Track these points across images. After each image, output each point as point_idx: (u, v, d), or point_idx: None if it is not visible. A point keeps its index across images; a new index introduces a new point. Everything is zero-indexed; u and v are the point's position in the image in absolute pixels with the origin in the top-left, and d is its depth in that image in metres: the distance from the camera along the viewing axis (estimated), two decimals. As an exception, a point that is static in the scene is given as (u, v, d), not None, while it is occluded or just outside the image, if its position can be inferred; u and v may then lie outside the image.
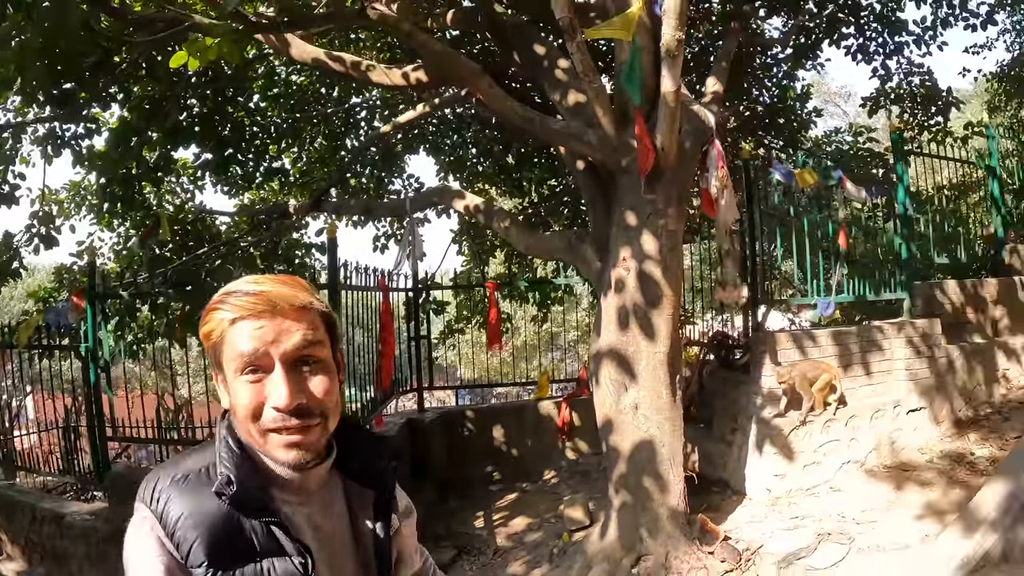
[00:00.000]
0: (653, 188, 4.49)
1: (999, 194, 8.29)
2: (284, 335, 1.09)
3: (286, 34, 5.37)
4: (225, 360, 1.11)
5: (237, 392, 1.10)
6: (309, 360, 1.12)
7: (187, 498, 1.08)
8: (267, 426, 1.09)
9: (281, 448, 1.10)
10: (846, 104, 32.17)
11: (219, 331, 1.11)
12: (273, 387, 1.08)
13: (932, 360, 6.44)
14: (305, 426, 1.10)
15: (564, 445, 7.22)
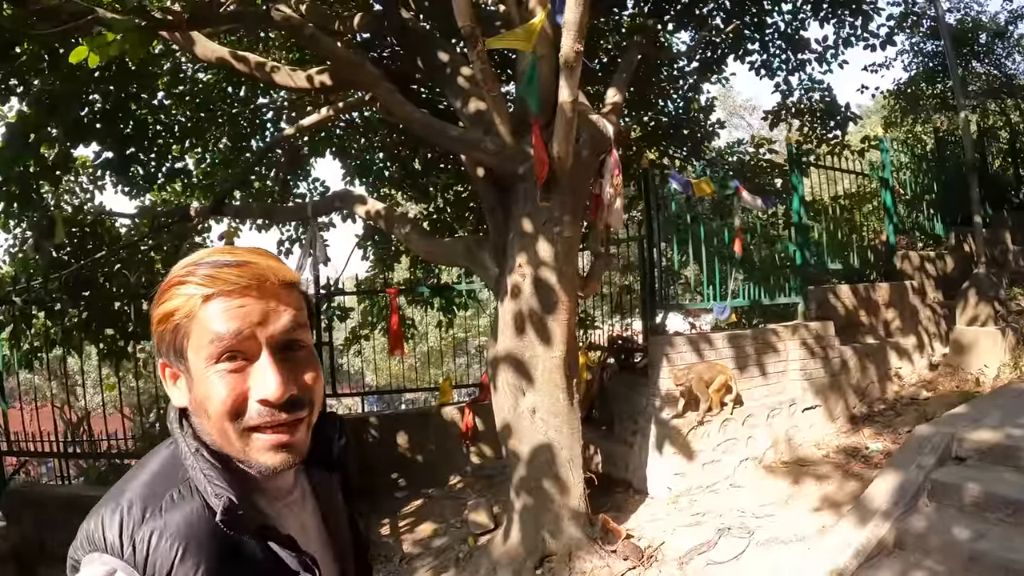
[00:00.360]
0: (549, 196, 4.53)
1: (892, 204, 8.71)
2: (272, 316, 0.94)
3: (191, 32, 5.20)
4: (193, 346, 0.93)
5: (210, 384, 0.92)
6: (295, 345, 0.97)
7: (179, 533, 0.88)
8: (251, 423, 0.93)
9: (266, 451, 0.94)
10: (750, 117, 33.31)
11: (185, 310, 0.93)
12: (259, 376, 0.92)
13: (826, 360, 6.72)
14: (295, 420, 0.94)
15: (468, 450, 7.23)
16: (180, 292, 0.93)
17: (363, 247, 8.74)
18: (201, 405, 0.94)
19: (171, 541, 0.87)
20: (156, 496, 0.91)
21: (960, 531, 4.09)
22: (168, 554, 0.86)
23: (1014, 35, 13.74)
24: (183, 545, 0.87)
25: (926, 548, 4.09)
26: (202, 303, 0.91)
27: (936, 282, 9.13)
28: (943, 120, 13.63)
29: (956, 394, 6.93)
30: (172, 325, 0.94)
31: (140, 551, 0.86)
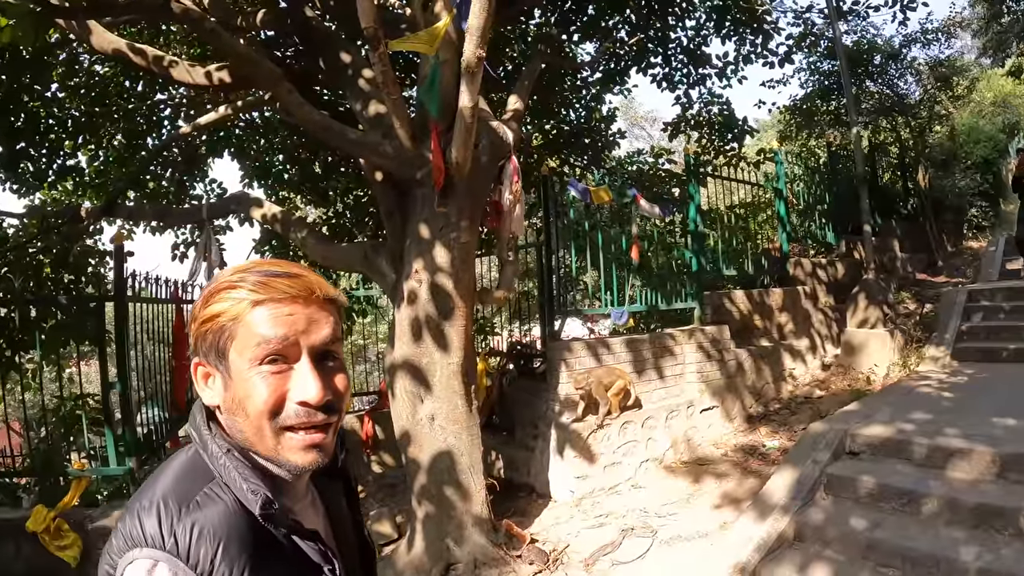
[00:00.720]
0: (446, 201, 4.51)
1: (785, 213, 9.07)
2: (314, 326, 1.00)
3: (88, 20, 4.93)
4: (237, 347, 0.98)
5: (253, 384, 0.97)
6: (331, 355, 1.03)
7: (218, 527, 0.93)
8: (287, 423, 0.98)
9: (299, 450, 0.99)
10: (651, 128, 34.28)
11: (233, 313, 0.98)
12: (300, 380, 0.98)
13: (722, 363, 6.93)
14: (327, 423, 1.00)
15: (369, 459, 7.14)
16: (229, 296, 0.98)
17: (260, 252, 8.47)
18: (240, 403, 0.99)
19: (211, 533, 0.91)
20: (189, 493, 0.95)
21: (857, 521, 4.26)
22: (210, 545, 0.90)
23: (907, 58, 14.56)
24: (223, 537, 0.92)
25: (825, 539, 4.23)
26: (251, 308, 0.97)
27: (828, 287, 9.56)
28: (836, 135, 14.29)
29: (848, 392, 7.25)
30: (217, 326, 0.99)
31: (182, 542, 0.90)
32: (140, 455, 4.74)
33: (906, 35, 14.50)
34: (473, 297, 4.93)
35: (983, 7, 19.48)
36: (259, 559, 0.94)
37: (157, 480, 0.99)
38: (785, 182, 9.30)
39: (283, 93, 4.75)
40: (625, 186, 7.14)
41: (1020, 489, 4.15)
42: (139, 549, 0.91)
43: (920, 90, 15.37)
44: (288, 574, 0.99)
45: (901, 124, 14.84)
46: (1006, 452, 4.39)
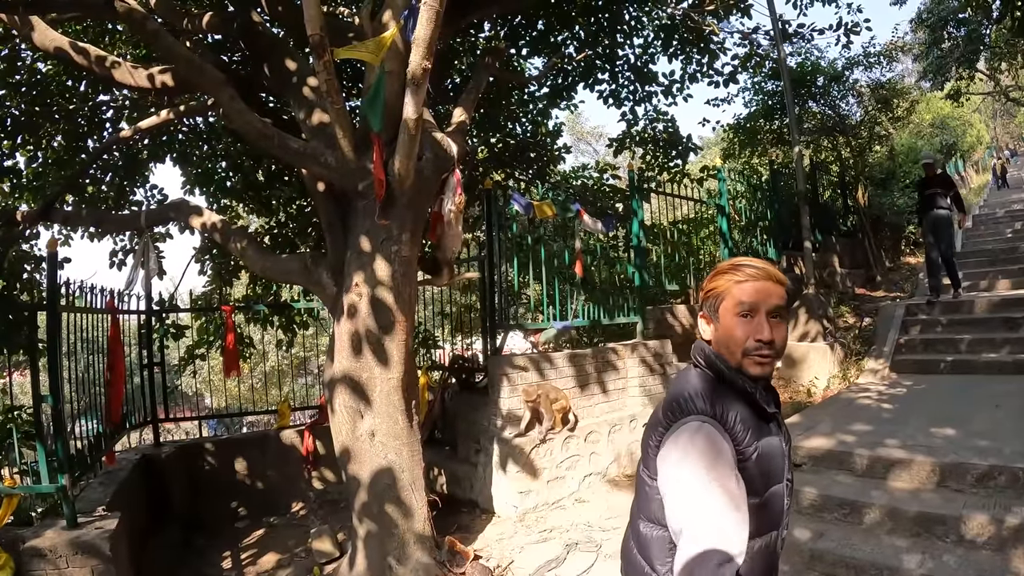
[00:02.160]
0: (387, 214, 4.46)
1: (727, 229, 9.22)
2: (770, 296, 1.64)
3: (30, 16, 4.76)
4: (725, 306, 1.67)
5: (734, 327, 1.64)
6: (779, 315, 1.66)
7: (726, 408, 1.61)
8: (749, 350, 1.63)
9: (755, 365, 1.64)
10: (597, 143, 34.75)
11: (725, 286, 1.68)
12: (760, 326, 1.63)
13: (665, 377, 7.00)
14: (770, 355, 1.64)
15: (310, 475, 6.99)
16: (723, 277, 1.69)
17: (200, 260, 8.26)
18: (724, 337, 1.67)
19: (730, 408, 1.61)
20: (713, 389, 1.66)
21: (800, 532, 4.35)
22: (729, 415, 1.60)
23: (849, 80, 14.93)
24: (736, 411, 1.61)
25: None
26: (735, 285, 1.66)
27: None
28: (779, 153, 14.63)
29: (789, 405, 7.36)
30: (715, 293, 1.70)
31: (719, 414, 1.60)
32: (73, 471, 4.55)
33: (849, 58, 14.85)
34: (414, 311, 4.88)
35: (925, 33, 20.21)
36: (752, 424, 1.63)
37: (686, 383, 1.69)
38: (727, 199, 9.46)
39: (224, 99, 4.64)
40: (568, 201, 7.16)
41: (960, 497, 4.30)
42: (693, 416, 1.59)
43: (861, 111, 15.75)
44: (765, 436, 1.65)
45: (842, 144, 15.22)
46: (945, 462, 4.55)
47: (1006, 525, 3.87)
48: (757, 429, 1.63)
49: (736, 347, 1.63)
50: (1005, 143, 46.52)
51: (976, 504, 4.17)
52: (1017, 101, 28.78)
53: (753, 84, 14.47)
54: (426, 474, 6.20)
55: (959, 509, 4.11)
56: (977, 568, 3.70)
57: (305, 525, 6.23)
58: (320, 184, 5.03)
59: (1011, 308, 8.73)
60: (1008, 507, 4.04)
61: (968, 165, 35.34)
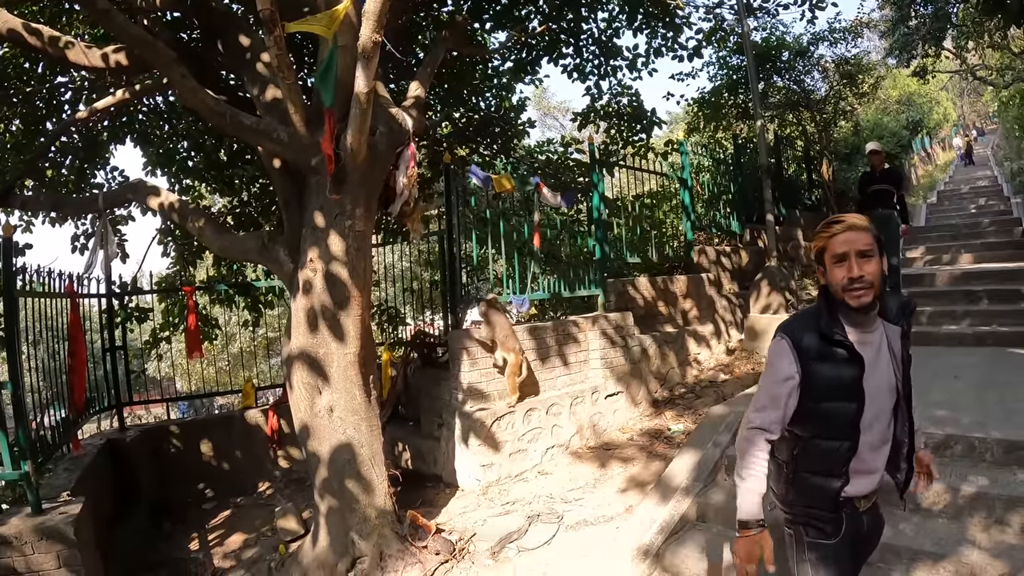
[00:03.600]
0: (340, 189, 4.44)
1: (690, 203, 9.27)
2: (856, 242, 2.08)
3: None
4: (827, 255, 2.14)
5: (834, 270, 2.11)
6: (867, 254, 2.07)
7: (804, 332, 2.15)
8: (846, 287, 2.08)
9: (852, 298, 2.08)
10: (563, 118, 34.75)
11: (826, 240, 2.13)
12: (850, 267, 2.07)
13: (626, 349, 7.06)
14: (865, 287, 2.07)
15: (275, 454, 7.01)
16: (822, 235, 2.16)
17: (163, 243, 8.16)
18: (830, 280, 2.14)
19: (802, 336, 2.15)
20: (805, 318, 2.22)
21: None
22: (801, 340, 2.15)
23: (814, 55, 15.04)
24: (805, 339, 2.16)
25: (727, 519, 4.34)
26: (830, 237, 2.12)
27: (731, 274, 9.87)
28: (743, 128, 14.70)
29: (752, 376, 7.49)
30: (819, 247, 2.17)
31: (796, 337, 2.16)
32: (36, 458, 4.52)
33: (814, 33, 14.99)
34: (369, 286, 4.87)
35: (892, 10, 20.32)
36: (816, 348, 2.13)
37: (804, 312, 2.28)
38: (691, 172, 9.51)
39: (177, 77, 4.56)
40: (526, 175, 7.16)
41: None
42: (779, 331, 2.20)
43: (826, 86, 15.90)
44: (829, 360, 2.13)
45: (807, 118, 15.37)
46: None
47: (962, 494, 3.93)
48: (820, 353, 2.11)
49: (837, 285, 2.11)
50: (972, 121, 47.14)
51: None
52: (984, 80, 29.06)
53: (718, 59, 14.55)
54: (390, 450, 6.27)
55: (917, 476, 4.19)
56: (934, 536, 3.75)
57: (271, 504, 6.25)
58: (275, 161, 5.00)
59: (972, 281, 8.92)
60: (964, 476, 4.11)
61: (935, 142, 35.81)
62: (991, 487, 3.93)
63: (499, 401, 5.96)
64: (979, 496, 3.89)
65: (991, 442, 4.28)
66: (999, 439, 4.27)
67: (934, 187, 22.62)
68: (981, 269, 9.51)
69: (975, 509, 3.86)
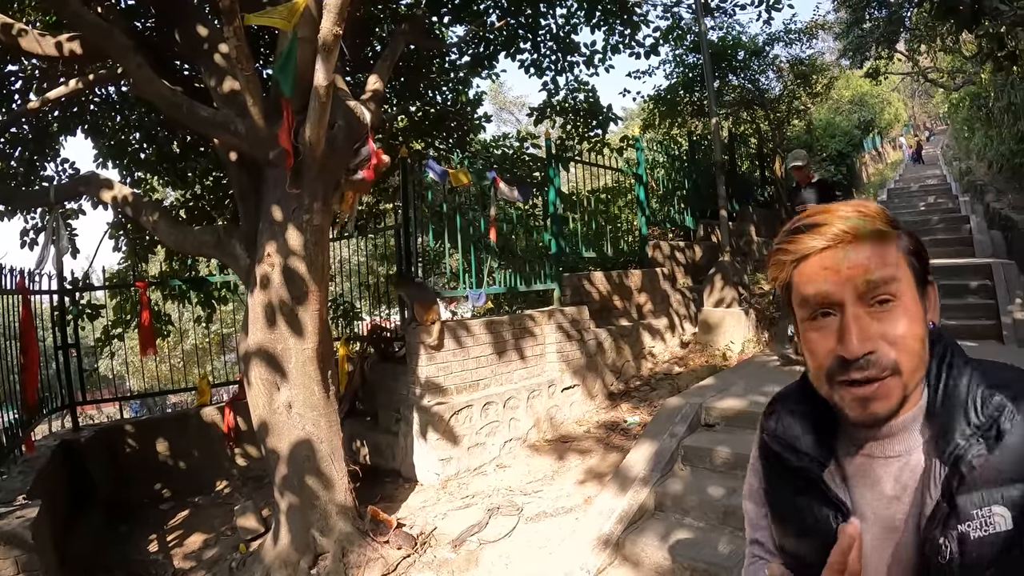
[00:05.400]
0: (298, 183, 4.41)
1: (645, 198, 9.41)
2: (855, 269, 0.97)
3: None
4: (794, 297, 1.05)
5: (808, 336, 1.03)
6: (880, 294, 0.96)
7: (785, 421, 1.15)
8: (834, 375, 0.98)
9: (851, 404, 0.97)
10: (520, 113, 34.94)
11: (788, 264, 1.06)
12: (841, 333, 0.97)
13: (582, 343, 7.16)
14: (875, 374, 0.94)
15: (233, 452, 6.93)
16: (784, 247, 1.05)
17: (115, 237, 7.98)
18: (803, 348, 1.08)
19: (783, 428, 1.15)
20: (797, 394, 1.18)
21: (714, 489, 4.52)
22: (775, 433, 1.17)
23: (769, 55, 15.30)
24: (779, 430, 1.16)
25: (684, 508, 4.47)
26: (796, 263, 1.02)
27: (686, 269, 10.06)
28: (698, 125, 14.92)
29: (706, 368, 7.62)
30: (782, 278, 1.09)
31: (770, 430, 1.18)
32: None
33: (770, 34, 15.23)
34: (327, 281, 4.86)
35: (846, 12, 20.82)
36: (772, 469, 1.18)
37: None
38: (645, 168, 9.64)
39: (133, 66, 4.47)
40: (483, 169, 7.19)
41: None
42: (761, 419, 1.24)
43: (780, 86, 16.18)
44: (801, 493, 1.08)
45: (761, 117, 15.61)
46: None
47: None
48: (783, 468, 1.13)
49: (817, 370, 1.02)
50: (923, 122, 48.53)
51: None
52: (935, 82, 29.88)
53: (674, 57, 14.67)
54: (349, 445, 6.26)
55: None
56: None
57: (230, 503, 6.19)
58: (232, 154, 4.94)
59: (922, 277, 9.20)
60: None
61: (885, 141, 36.79)
62: None
63: (457, 395, 5.99)
64: None
65: None
66: None
67: (884, 185, 23.25)
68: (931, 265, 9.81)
69: None
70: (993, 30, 10.11)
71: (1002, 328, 7.43)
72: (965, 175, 21.19)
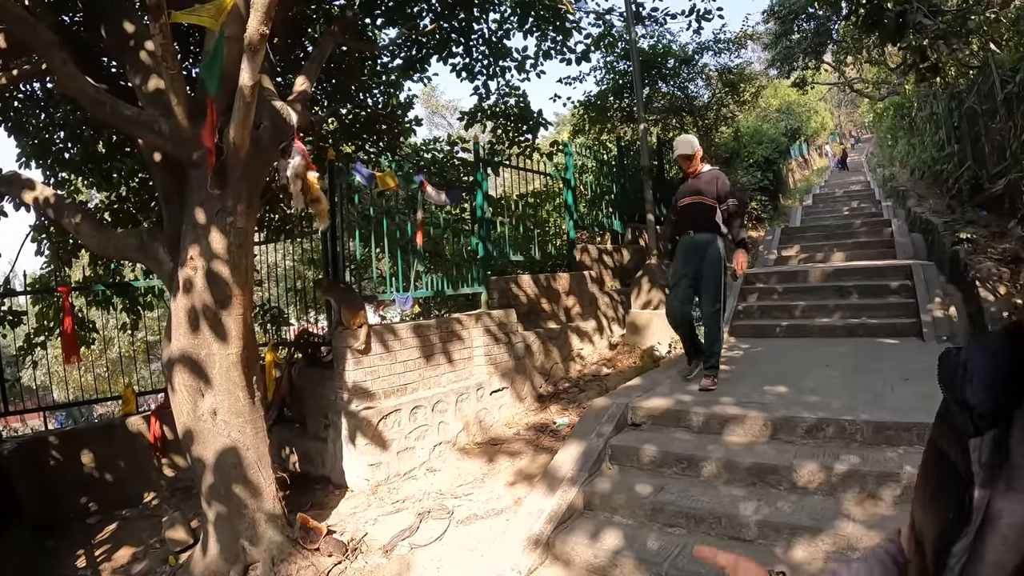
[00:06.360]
0: (222, 184, 4.33)
1: (573, 202, 9.55)
2: None
3: None
4: None
5: None
6: None
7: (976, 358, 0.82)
8: None
9: None
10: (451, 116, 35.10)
11: None
12: None
13: (510, 346, 7.23)
14: None
15: (160, 462, 6.74)
16: None
17: (37, 240, 7.65)
18: None
19: None
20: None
21: (642, 487, 4.59)
22: None
23: (698, 64, 15.72)
24: None
25: (613, 506, 4.53)
26: None
27: (613, 272, 10.25)
28: (627, 131, 15.22)
29: (633, 369, 7.75)
30: None
31: None
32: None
33: (700, 43, 15.65)
34: (251, 285, 4.79)
35: (776, 24, 21.56)
36: None
37: None
38: (574, 173, 9.77)
39: (57, 62, 4.31)
40: (411, 173, 7.19)
41: (791, 448, 4.65)
42: None
43: (709, 94, 16.62)
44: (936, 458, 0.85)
45: (689, 123, 16.02)
46: (777, 416, 4.90)
47: (835, 472, 4.20)
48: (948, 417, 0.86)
49: None
50: (849, 131, 50.54)
51: (807, 454, 4.50)
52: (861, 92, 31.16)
53: (605, 63, 14.96)
54: (277, 453, 6.18)
55: (791, 459, 4.43)
56: (810, 512, 3.99)
57: (158, 515, 6.00)
58: (156, 154, 4.82)
59: (843, 277, 9.59)
60: (836, 455, 4.40)
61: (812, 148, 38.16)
62: (862, 464, 4.22)
63: (385, 399, 5.97)
64: (852, 473, 4.17)
65: (860, 423, 4.61)
66: (868, 420, 4.60)
67: (810, 191, 24.10)
68: (852, 266, 10.25)
69: (848, 485, 4.14)
70: (916, 43, 10.60)
71: (922, 326, 7.75)
72: (888, 181, 22.18)
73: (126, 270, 8.21)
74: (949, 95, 14.92)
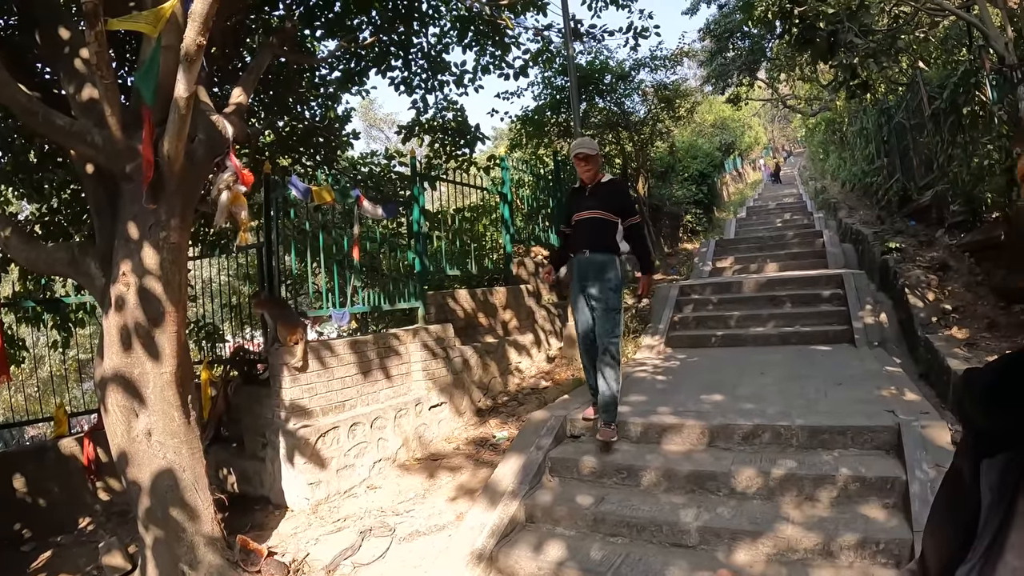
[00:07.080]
0: (156, 198, 4.24)
1: (510, 216, 9.62)
2: None
3: None
4: None
5: None
6: None
7: None
8: None
9: None
10: (389, 130, 35.10)
11: None
12: None
13: (448, 360, 7.24)
14: None
15: (95, 486, 6.47)
16: None
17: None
18: None
19: None
20: None
21: (583, 498, 4.64)
22: None
23: (635, 80, 16.02)
24: None
25: (555, 518, 4.57)
26: None
27: (550, 285, 10.29)
28: (564, 145, 15.43)
29: (572, 382, 7.81)
30: None
31: None
32: None
33: (637, 60, 15.96)
34: (185, 301, 4.68)
35: (711, 42, 22.20)
36: None
37: None
38: (511, 187, 9.84)
39: None
40: (347, 187, 7.15)
41: (728, 455, 4.77)
42: None
43: (645, 109, 16.96)
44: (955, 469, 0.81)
45: (625, 138, 16.31)
46: (714, 424, 5.03)
47: (772, 476, 4.34)
48: None
49: None
50: (782, 145, 52.26)
51: (744, 460, 4.63)
52: (793, 108, 32.29)
53: (543, 79, 15.13)
54: (215, 474, 6.04)
55: (728, 465, 4.54)
56: (750, 516, 4.10)
57: (95, 540, 5.78)
58: (89, 166, 4.66)
59: (776, 288, 9.90)
60: (773, 460, 4.54)
61: (746, 162, 39.33)
62: (799, 468, 4.36)
63: (323, 417, 5.90)
64: (789, 477, 4.30)
65: (796, 429, 4.76)
66: (803, 425, 4.75)
67: (744, 203, 24.77)
68: (786, 276, 10.59)
69: (786, 489, 4.27)
70: (847, 61, 11.08)
71: (853, 332, 8.03)
72: (820, 193, 23.02)
73: (57, 286, 7.89)
74: (879, 111, 15.61)
